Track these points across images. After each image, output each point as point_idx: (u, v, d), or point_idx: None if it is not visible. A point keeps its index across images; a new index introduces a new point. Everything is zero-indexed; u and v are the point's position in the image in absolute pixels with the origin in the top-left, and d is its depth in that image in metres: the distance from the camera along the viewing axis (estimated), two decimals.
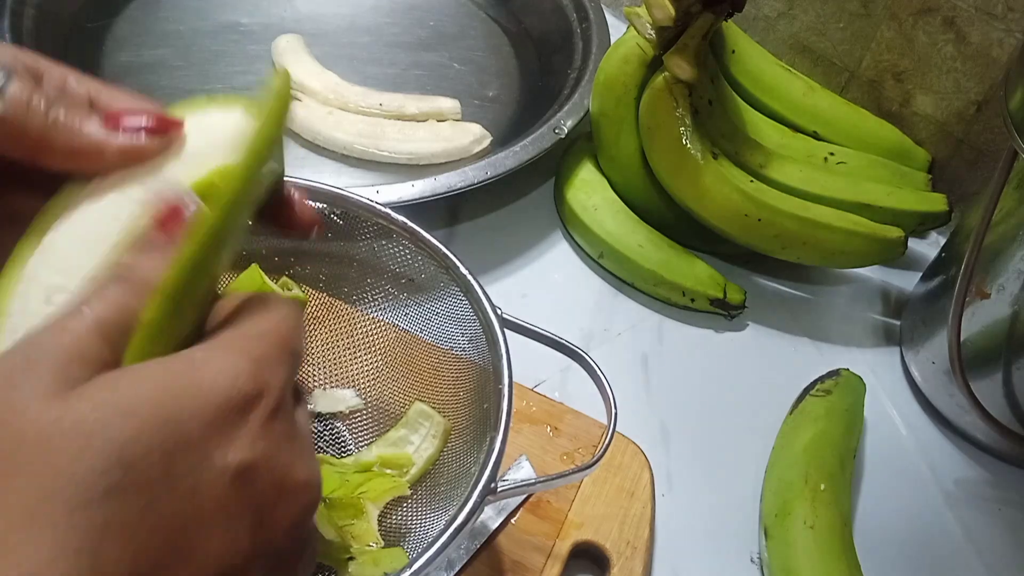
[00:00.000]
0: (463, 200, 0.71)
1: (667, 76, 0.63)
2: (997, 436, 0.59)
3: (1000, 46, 0.67)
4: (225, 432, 0.24)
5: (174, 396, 0.24)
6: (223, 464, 0.24)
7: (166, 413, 0.23)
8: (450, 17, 0.86)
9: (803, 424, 0.59)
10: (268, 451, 0.25)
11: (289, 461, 0.26)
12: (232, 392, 0.25)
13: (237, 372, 0.25)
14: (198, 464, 0.24)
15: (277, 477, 0.26)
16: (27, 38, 0.69)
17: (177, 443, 0.23)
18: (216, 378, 0.25)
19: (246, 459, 0.25)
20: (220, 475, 0.24)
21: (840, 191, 0.67)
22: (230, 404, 0.25)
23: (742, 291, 0.67)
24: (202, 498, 0.24)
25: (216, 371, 0.25)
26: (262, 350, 0.27)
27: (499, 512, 0.52)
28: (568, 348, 0.45)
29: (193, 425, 0.24)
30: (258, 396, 0.25)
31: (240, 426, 0.25)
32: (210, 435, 0.24)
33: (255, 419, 0.25)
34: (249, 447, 0.25)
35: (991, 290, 0.57)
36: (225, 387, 0.25)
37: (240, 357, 0.26)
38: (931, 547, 0.58)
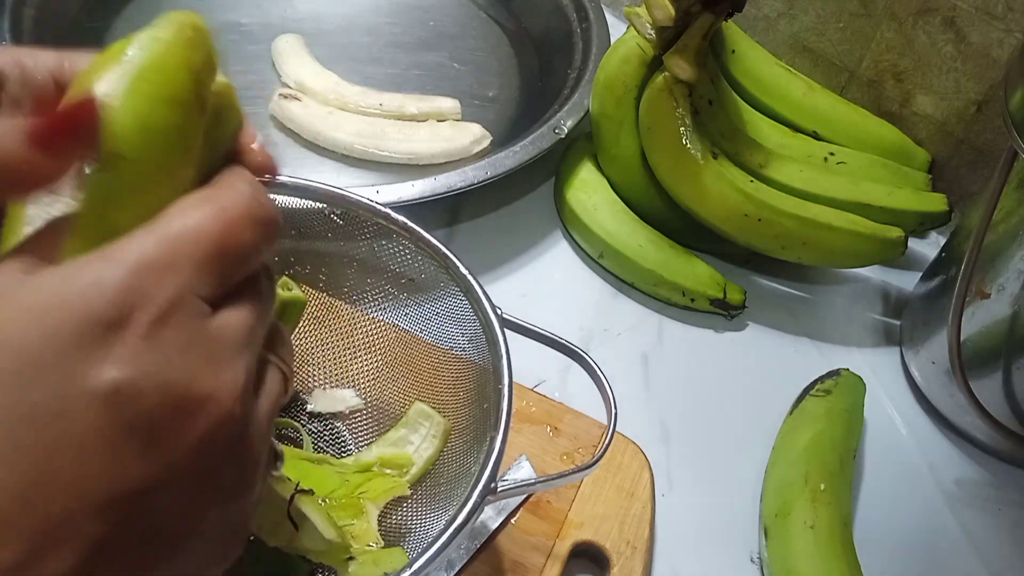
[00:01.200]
0: (463, 200, 0.71)
1: (667, 76, 0.63)
2: (997, 436, 0.59)
3: (1000, 46, 0.67)
4: (90, 350, 0.22)
5: (32, 316, 0.22)
6: (91, 384, 0.22)
7: (18, 335, 0.22)
8: (450, 17, 0.86)
9: (803, 424, 0.59)
10: (151, 366, 0.23)
11: (185, 374, 0.24)
12: (93, 305, 0.22)
13: (101, 282, 0.23)
14: (60, 387, 0.22)
15: (169, 393, 0.23)
16: (27, 38, 0.69)
17: (29, 367, 0.22)
18: (81, 291, 0.23)
19: (120, 377, 0.22)
20: (89, 397, 0.22)
21: (840, 191, 0.67)
22: (92, 319, 0.22)
23: (742, 291, 0.67)
24: (70, 423, 0.22)
25: (83, 283, 0.23)
26: (156, 251, 0.24)
27: (499, 512, 0.52)
28: (568, 348, 0.45)
29: (48, 346, 0.22)
30: (131, 307, 0.23)
31: (109, 342, 0.22)
32: (70, 354, 0.22)
33: (131, 332, 0.23)
34: (123, 364, 0.22)
35: (991, 290, 0.57)
36: (86, 301, 0.22)
37: (111, 265, 0.23)
38: (931, 547, 0.58)
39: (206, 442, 0.24)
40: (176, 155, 0.26)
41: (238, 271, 0.26)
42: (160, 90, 0.25)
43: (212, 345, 0.25)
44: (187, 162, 0.26)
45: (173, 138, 0.26)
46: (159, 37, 0.25)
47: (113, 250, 0.24)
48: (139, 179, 0.25)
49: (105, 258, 0.24)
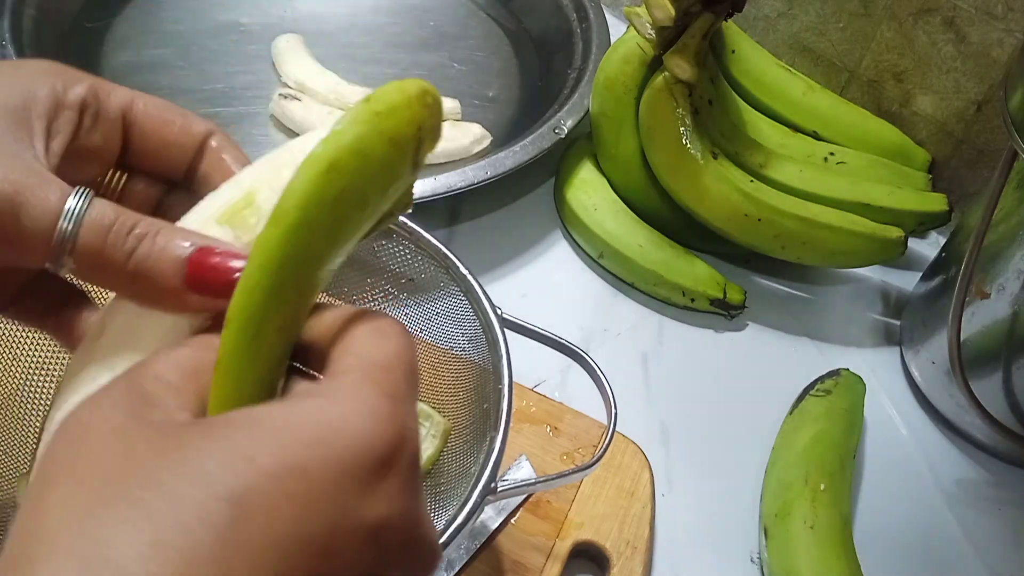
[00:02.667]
0: (463, 200, 0.71)
1: (667, 76, 0.63)
2: (997, 436, 0.59)
3: (1000, 46, 0.67)
4: (367, 486, 0.22)
5: (304, 444, 0.21)
6: (362, 521, 0.21)
7: (294, 462, 0.21)
8: (450, 17, 0.85)
9: (803, 424, 0.59)
10: (404, 506, 0.23)
11: (418, 518, 0.23)
12: (375, 439, 0.22)
13: (378, 416, 0.22)
14: (336, 519, 0.21)
15: (407, 535, 0.23)
16: (27, 38, 0.69)
17: (309, 494, 0.21)
18: (355, 422, 0.22)
19: (383, 515, 0.22)
20: (360, 531, 0.21)
21: (840, 191, 0.67)
22: (373, 454, 0.22)
23: (742, 291, 0.67)
24: (339, 556, 0.21)
25: (353, 413, 0.22)
26: (396, 385, 0.23)
27: (499, 512, 0.52)
28: (568, 348, 0.45)
29: (329, 476, 0.21)
30: (401, 442, 0.22)
31: (383, 478, 0.22)
32: (349, 488, 0.21)
33: (398, 470, 0.22)
34: (388, 502, 0.22)
35: (991, 290, 0.57)
36: (367, 433, 0.22)
37: (378, 396, 0.23)
38: (931, 547, 0.58)
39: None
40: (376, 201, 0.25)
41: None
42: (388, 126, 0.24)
43: (423, 491, 0.25)
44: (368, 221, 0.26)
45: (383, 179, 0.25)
46: (403, 88, 0.25)
47: (363, 384, 0.23)
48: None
49: (356, 386, 0.23)
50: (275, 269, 0.24)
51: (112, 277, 0.27)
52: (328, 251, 0.25)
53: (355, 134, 0.24)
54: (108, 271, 0.27)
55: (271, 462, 0.21)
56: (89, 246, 0.27)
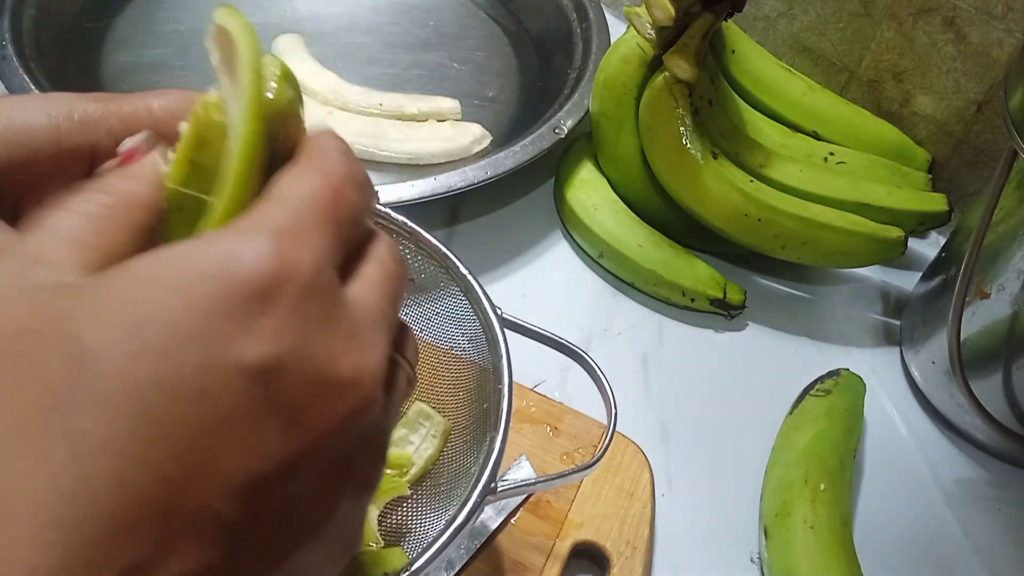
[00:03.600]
0: (463, 200, 0.71)
1: (667, 76, 0.63)
2: (997, 436, 0.59)
3: (1000, 46, 0.67)
4: (238, 323, 0.21)
5: (167, 291, 0.21)
6: (238, 360, 0.21)
7: (152, 310, 0.20)
8: (450, 17, 0.86)
9: (803, 424, 0.59)
10: (299, 341, 0.21)
11: (329, 352, 0.22)
12: (242, 271, 0.21)
13: (252, 250, 0.21)
14: (206, 361, 0.20)
15: (314, 371, 0.22)
16: (27, 38, 0.69)
17: (172, 340, 0.20)
18: (226, 260, 0.21)
19: (269, 352, 0.21)
20: (236, 373, 0.21)
21: (840, 191, 0.67)
22: (240, 290, 0.21)
23: (742, 291, 0.67)
24: (215, 401, 0.20)
25: (227, 252, 0.21)
26: (287, 219, 0.22)
27: (499, 512, 0.52)
28: (568, 348, 0.45)
29: (194, 318, 0.20)
30: (283, 273, 0.21)
31: (258, 315, 0.21)
32: (218, 328, 0.20)
33: (279, 305, 0.21)
34: (271, 339, 0.21)
35: (991, 290, 0.57)
36: (233, 271, 0.21)
37: (257, 231, 0.22)
38: (931, 547, 0.58)
39: (347, 426, 0.23)
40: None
41: (354, 235, 0.25)
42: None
43: (351, 322, 0.23)
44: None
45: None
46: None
47: (245, 222, 0.22)
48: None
49: (239, 230, 0.22)
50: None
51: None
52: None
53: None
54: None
55: (129, 314, 0.20)
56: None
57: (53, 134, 0.26)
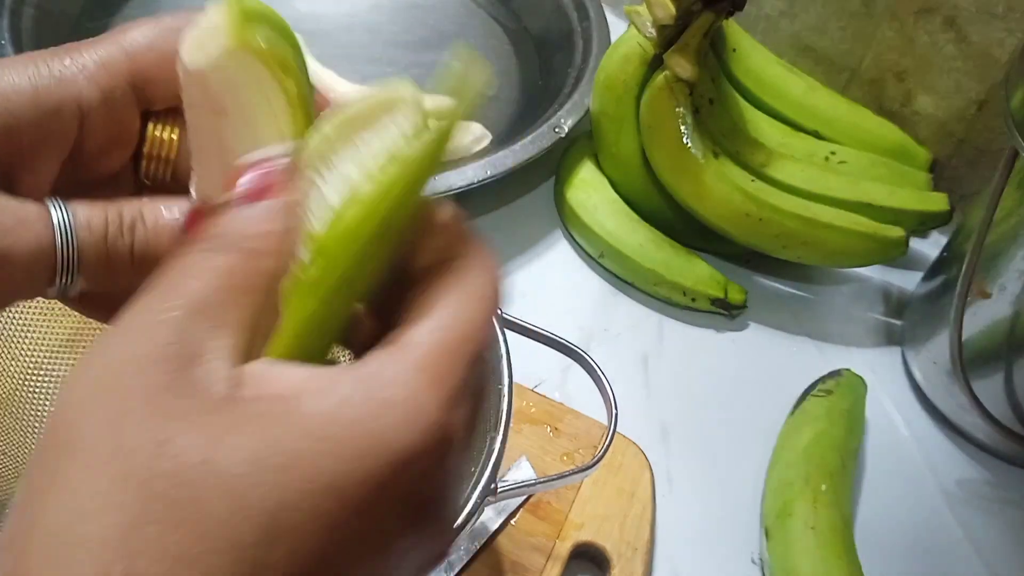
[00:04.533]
0: (463, 199, 0.71)
1: (668, 75, 0.62)
2: (998, 436, 0.59)
3: (1001, 46, 0.67)
4: (397, 497, 0.20)
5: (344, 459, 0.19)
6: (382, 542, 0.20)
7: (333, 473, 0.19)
8: (450, 16, 0.85)
9: (804, 424, 0.58)
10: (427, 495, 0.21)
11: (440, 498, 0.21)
12: (417, 448, 0.20)
13: (427, 419, 0.20)
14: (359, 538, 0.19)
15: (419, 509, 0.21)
16: (26, 37, 0.69)
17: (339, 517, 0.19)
18: (401, 426, 0.20)
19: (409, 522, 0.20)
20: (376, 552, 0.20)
21: (841, 190, 0.67)
22: (412, 466, 0.20)
23: (743, 291, 0.67)
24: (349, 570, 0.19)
25: (401, 415, 0.20)
26: (455, 375, 0.21)
27: (499, 513, 0.52)
28: (568, 348, 0.45)
29: (363, 492, 0.19)
30: (444, 445, 0.20)
31: (417, 489, 0.20)
32: (381, 499, 0.19)
33: (431, 475, 0.20)
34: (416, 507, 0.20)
35: (992, 290, 0.57)
36: (410, 442, 0.19)
37: (430, 392, 0.20)
38: (932, 547, 0.58)
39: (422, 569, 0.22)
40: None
41: None
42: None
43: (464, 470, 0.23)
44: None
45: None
46: None
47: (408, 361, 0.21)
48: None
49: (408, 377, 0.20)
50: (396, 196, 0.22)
51: (121, 277, 0.25)
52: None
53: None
54: (117, 273, 0.25)
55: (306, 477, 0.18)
56: (95, 258, 0.24)
57: (31, 93, 0.24)
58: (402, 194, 0.22)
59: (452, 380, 0.21)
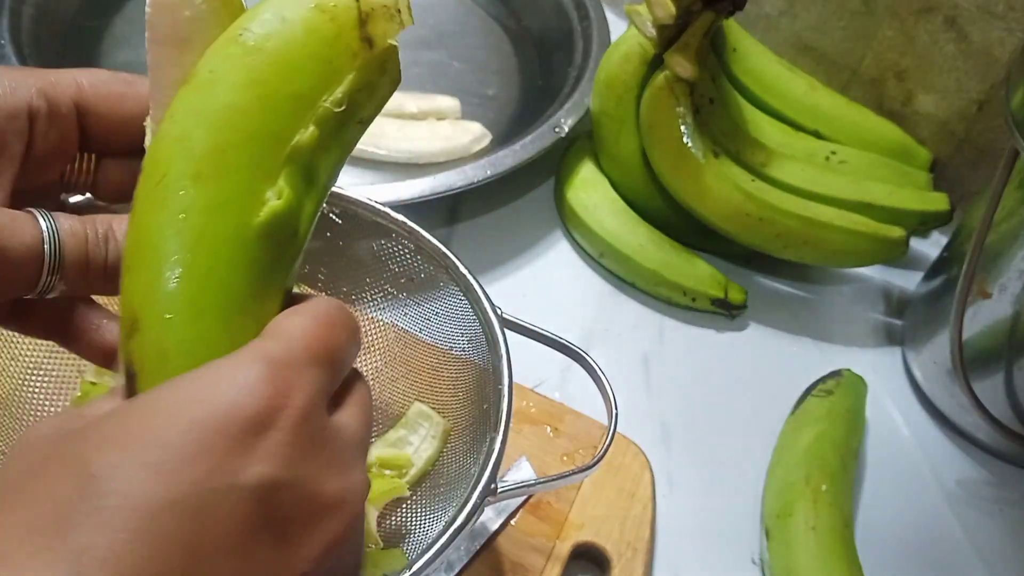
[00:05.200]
0: (463, 199, 0.71)
1: (668, 74, 0.62)
2: (999, 436, 0.59)
3: (1001, 45, 0.67)
4: (237, 447, 0.23)
5: (168, 415, 0.23)
6: (239, 480, 0.22)
7: (155, 434, 0.22)
8: (450, 15, 0.85)
9: (805, 424, 0.58)
10: (293, 465, 0.23)
11: (315, 476, 0.24)
12: (242, 399, 0.23)
13: (249, 378, 0.23)
14: (206, 480, 0.22)
15: (302, 494, 0.24)
16: (26, 37, 0.69)
17: (175, 460, 0.22)
18: (221, 387, 0.23)
19: (266, 473, 0.23)
20: (235, 491, 0.22)
21: (842, 190, 0.67)
22: (242, 413, 0.23)
23: (743, 291, 0.67)
24: (213, 516, 0.22)
25: (222, 379, 0.24)
26: (285, 351, 0.25)
27: (499, 513, 0.51)
28: (568, 348, 0.45)
29: (195, 441, 0.22)
30: (279, 402, 0.24)
31: (259, 436, 0.23)
32: (218, 451, 0.22)
33: (277, 430, 0.23)
34: (269, 461, 0.23)
35: (993, 290, 0.57)
36: (231, 395, 0.23)
37: (253, 360, 0.24)
38: (933, 547, 0.58)
39: (336, 541, 0.25)
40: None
41: (342, 371, 0.27)
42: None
43: (338, 448, 0.25)
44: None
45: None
46: None
47: (246, 352, 0.24)
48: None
49: (240, 359, 0.24)
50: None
51: (95, 283, 0.28)
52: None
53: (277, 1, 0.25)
54: (93, 279, 0.28)
55: (133, 438, 0.22)
56: (76, 262, 0.27)
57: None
58: None
59: (285, 354, 0.24)
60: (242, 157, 0.25)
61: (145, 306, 0.25)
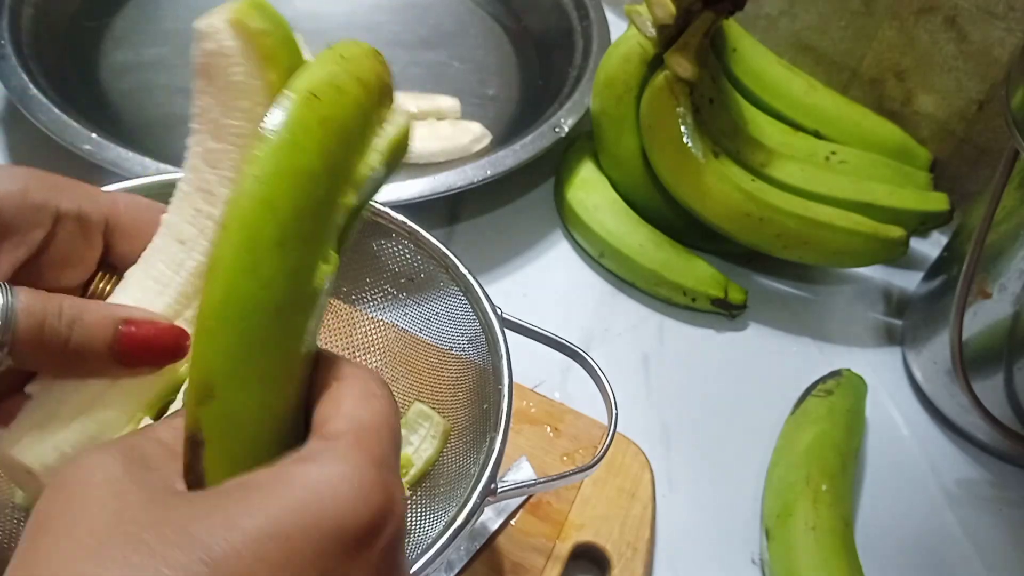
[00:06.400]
0: (463, 199, 0.71)
1: (668, 74, 0.62)
2: (999, 436, 0.59)
3: (1001, 45, 0.67)
4: (349, 553, 0.22)
5: (289, 510, 0.21)
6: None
7: (276, 527, 0.21)
8: (450, 15, 0.85)
9: (804, 424, 0.58)
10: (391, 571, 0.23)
11: (399, 553, 0.24)
12: (361, 507, 0.22)
13: (366, 483, 0.22)
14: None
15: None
16: (26, 37, 0.69)
17: (287, 562, 0.21)
18: (343, 490, 0.22)
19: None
20: None
21: (842, 190, 0.67)
22: (359, 522, 0.22)
23: (743, 291, 0.67)
24: None
25: (342, 480, 0.22)
26: (384, 451, 0.23)
27: (499, 513, 0.51)
28: (568, 348, 0.45)
29: (310, 542, 0.21)
30: (388, 511, 0.22)
31: (367, 546, 0.22)
32: (330, 555, 0.21)
33: (382, 539, 0.22)
34: (369, 571, 0.22)
35: (993, 290, 0.57)
36: (353, 501, 0.22)
37: (367, 463, 0.23)
38: (932, 548, 0.58)
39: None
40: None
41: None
42: (354, 67, 0.26)
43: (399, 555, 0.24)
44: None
45: (359, 120, 0.26)
46: (356, 42, 0.27)
47: (339, 442, 0.23)
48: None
49: (342, 453, 0.23)
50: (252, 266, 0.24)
51: (48, 362, 0.28)
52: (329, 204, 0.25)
53: (328, 71, 0.25)
54: (46, 358, 0.28)
55: (253, 526, 0.21)
56: (28, 339, 0.27)
57: (23, 187, 0.29)
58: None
59: (384, 454, 0.24)
60: (316, 224, 0.25)
61: (226, 373, 0.24)
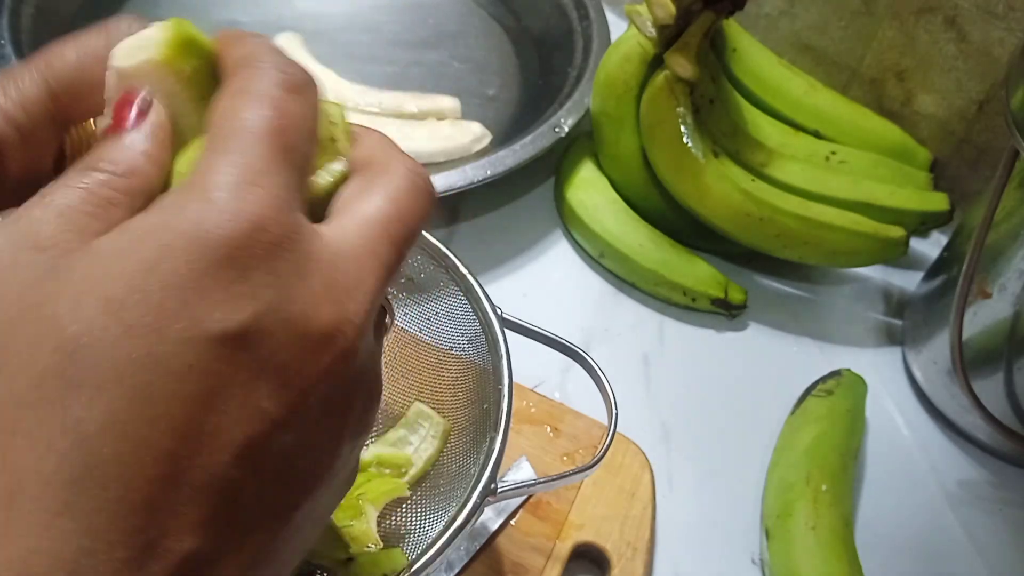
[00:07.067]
0: (463, 199, 0.71)
1: (668, 74, 0.62)
2: (999, 436, 0.59)
3: (1001, 45, 0.67)
4: (213, 293, 0.20)
5: (145, 265, 0.20)
6: (219, 330, 0.20)
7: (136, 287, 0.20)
8: (450, 15, 0.85)
9: (804, 424, 0.58)
10: (272, 302, 0.21)
11: (303, 307, 0.21)
12: (210, 243, 0.20)
13: (213, 214, 0.21)
14: (188, 337, 0.20)
15: (290, 329, 0.21)
16: (26, 37, 0.69)
17: (154, 320, 0.20)
18: (191, 230, 0.20)
19: (245, 319, 0.20)
20: (218, 343, 0.20)
21: (842, 190, 0.67)
22: (212, 258, 0.20)
23: (743, 291, 0.67)
24: (202, 372, 0.20)
25: (190, 220, 0.21)
26: (240, 168, 0.21)
27: (499, 513, 0.51)
28: (568, 348, 0.45)
29: (171, 294, 0.20)
30: (247, 238, 0.21)
31: (231, 281, 0.20)
32: (194, 301, 0.20)
33: (250, 268, 0.21)
34: (246, 304, 0.20)
35: (993, 290, 0.57)
36: (201, 239, 0.20)
37: (214, 189, 0.21)
38: (933, 548, 0.58)
39: (333, 377, 0.22)
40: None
41: (311, 152, 0.24)
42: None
43: (328, 270, 0.22)
44: None
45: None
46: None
47: (199, 178, 0.21)
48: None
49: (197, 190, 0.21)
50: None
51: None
52: None
53: None
54: None
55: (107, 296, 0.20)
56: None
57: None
58: None
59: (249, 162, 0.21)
60: None
61: None
